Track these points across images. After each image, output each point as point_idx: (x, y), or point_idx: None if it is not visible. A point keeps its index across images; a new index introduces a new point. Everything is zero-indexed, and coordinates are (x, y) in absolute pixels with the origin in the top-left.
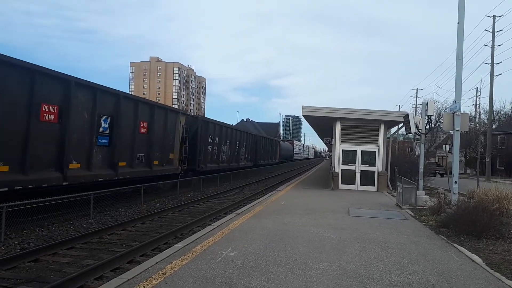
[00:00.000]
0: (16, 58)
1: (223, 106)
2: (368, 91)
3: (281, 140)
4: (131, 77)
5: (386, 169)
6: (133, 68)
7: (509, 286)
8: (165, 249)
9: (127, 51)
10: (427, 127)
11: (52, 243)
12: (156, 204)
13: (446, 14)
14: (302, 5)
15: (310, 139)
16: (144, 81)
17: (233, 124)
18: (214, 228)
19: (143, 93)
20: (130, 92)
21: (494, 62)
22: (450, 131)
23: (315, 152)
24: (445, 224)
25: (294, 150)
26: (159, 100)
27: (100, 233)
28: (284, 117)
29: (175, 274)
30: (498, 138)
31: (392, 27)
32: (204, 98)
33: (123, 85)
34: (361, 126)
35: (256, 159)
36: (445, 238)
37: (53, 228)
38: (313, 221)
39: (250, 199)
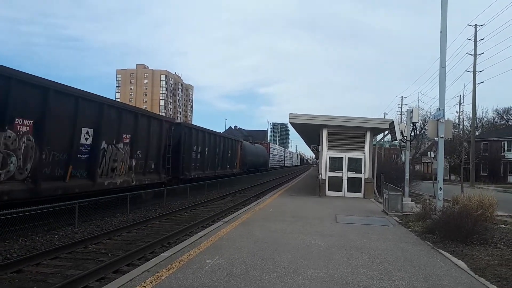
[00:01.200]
0: None
1: (211, 114)
2: (355, 98)
3: (249, 142)
4: (117, 85)
5: (373, 176)
6: (120, 75)
7: None
8: (152, 258)
9: (113, 59)
10: (412, 134)
11: (36, 253)
12: (143, 212)
13: (430, 23)
14: (290, 13)
15: (298, 146)
16: (130, 88)
17: (220, 132)
18: (201, 237)
19: (130, 101)
20: (117, 100)
21: (477, 70)
22: (435, 138)
23: (302, 159)
24: (431, 230)
25: (271, 156)
26: (145, 107)
27: (85, 243)
28: (271, 124)
29: (162, 284)
30: (481, 145)
31: (378, 35)
32: (192, 106)
33: (109, 92)
34: (348, 133)
35: (181, 169)
36: (430, 244)
37: (37, 238)
38: (300, 228)
39: (238, 207)
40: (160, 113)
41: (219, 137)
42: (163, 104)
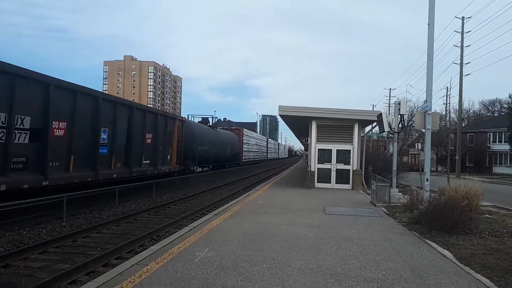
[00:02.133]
0: None
1: (200, 106)
2: (344, 90)
3: (207, 124)
4: (105, 76)
5: (361, 168)
6: (107, 67)
7: (477, 279)
8: (141, 251)
9: (101, 50)
10: (400, 126)
11: (23, 247)
12: (132, 205)
13: (418, 15)
14: (279, 6)
15: (287, 138)
16: (118, 80)
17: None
18: (191, 229)
19: (117, 92)
20: (104, 92)
21: (463, 62)
22: (422, 130)
23: (290, 151)
24: (418, 221)
25: (245, 146)
26: (133, 99)
27: (73, 236)
28: (261, 116)
29: (151, 276)
30: (468, 136)
31: (366, 28)
32: (180, 98)
33: (97, 84)
34: (336, 125)
35: None
36: (417, 234)
37: (24, 232)
38: (289, 220)
39: (227, 199)
40: (149, 105)
41: (111, 103)
42: (151, 96)
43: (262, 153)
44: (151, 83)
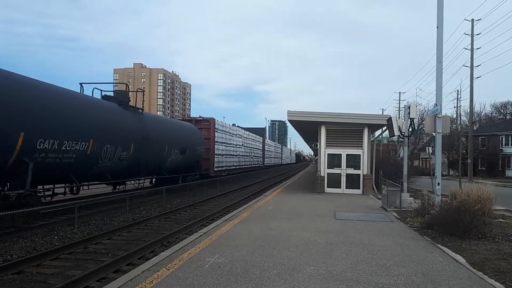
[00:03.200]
0: None
1: (209, 112)
2: (353, 94)
3: (121, 103)
4: (115, 84)
5: (371, 172)
6: (117, 75)
7: (491, 284)
8: (152, 258)
9: (111, 58)
10: (410, 130)
11: (36, 254)
12: (142, 212)
13: (427, 18)
14: (287, 11)
15: (296, 143)
16: (128, 87)
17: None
18: (201, 235)
19: None
20: None
21: (474, 65)
22: (433, 134)
23: (298, 156)
24: (429, 226)
25: (220, 146)
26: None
27: (85, 243)
28: (270, 122)
29: (162, 283)
30: (479, 140)
31: (375, 32)
32: (190, 104)
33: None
34: (346, 130)
35: None
36: (429, 239)
37: (37, 239)
38: (300, 225)
39: (237, 205)
40: (158, 112)
41: None
42: (161, 103)
43: (256, 158)
44: (161, 90)
